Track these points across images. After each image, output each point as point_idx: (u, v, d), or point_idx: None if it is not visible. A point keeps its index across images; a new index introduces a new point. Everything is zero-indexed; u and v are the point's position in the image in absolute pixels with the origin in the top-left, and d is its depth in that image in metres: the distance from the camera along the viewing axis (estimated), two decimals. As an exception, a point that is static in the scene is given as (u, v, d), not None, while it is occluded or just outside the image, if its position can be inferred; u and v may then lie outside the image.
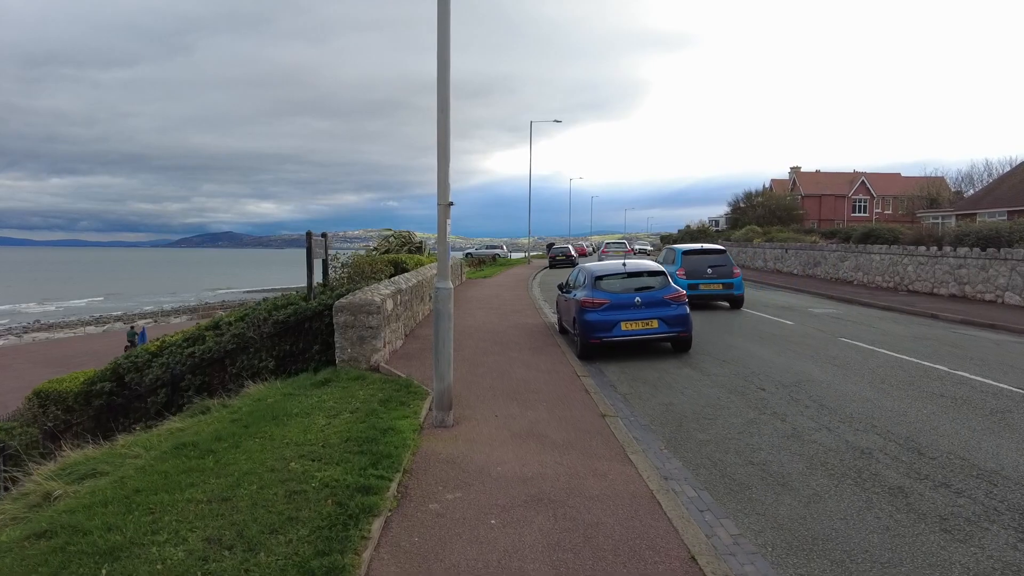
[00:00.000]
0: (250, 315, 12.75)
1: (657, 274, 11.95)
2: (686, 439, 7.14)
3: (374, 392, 8.27)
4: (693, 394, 9.05)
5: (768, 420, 7.71)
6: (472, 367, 10.51)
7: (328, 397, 8.07)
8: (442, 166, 6.62)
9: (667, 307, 11.41)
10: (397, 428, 6.57)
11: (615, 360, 11.49)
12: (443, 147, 6.61)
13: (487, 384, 9.27)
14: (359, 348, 10.22)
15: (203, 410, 8.40)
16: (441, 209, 6.70)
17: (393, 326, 11.67)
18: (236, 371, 12.10)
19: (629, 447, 6.63)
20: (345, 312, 10.20)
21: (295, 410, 7.47)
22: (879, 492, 5.48)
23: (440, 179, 6.66)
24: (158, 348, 13.01)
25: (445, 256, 6.85)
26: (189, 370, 12.21)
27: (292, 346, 11.95)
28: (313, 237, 12.38)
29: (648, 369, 10.73)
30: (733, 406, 8.38)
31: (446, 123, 6.59)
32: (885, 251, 25.42)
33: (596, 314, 11.34)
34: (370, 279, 13.58)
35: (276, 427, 6.76)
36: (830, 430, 7.21)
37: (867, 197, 74.26)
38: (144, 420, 12.16)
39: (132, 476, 5.39)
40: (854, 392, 8.81)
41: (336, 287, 13.05)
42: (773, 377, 9.86)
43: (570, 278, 13.88)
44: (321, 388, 8.71)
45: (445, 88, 6.57)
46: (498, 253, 60.95)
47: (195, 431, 6.92)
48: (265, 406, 7.77)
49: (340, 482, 5.11)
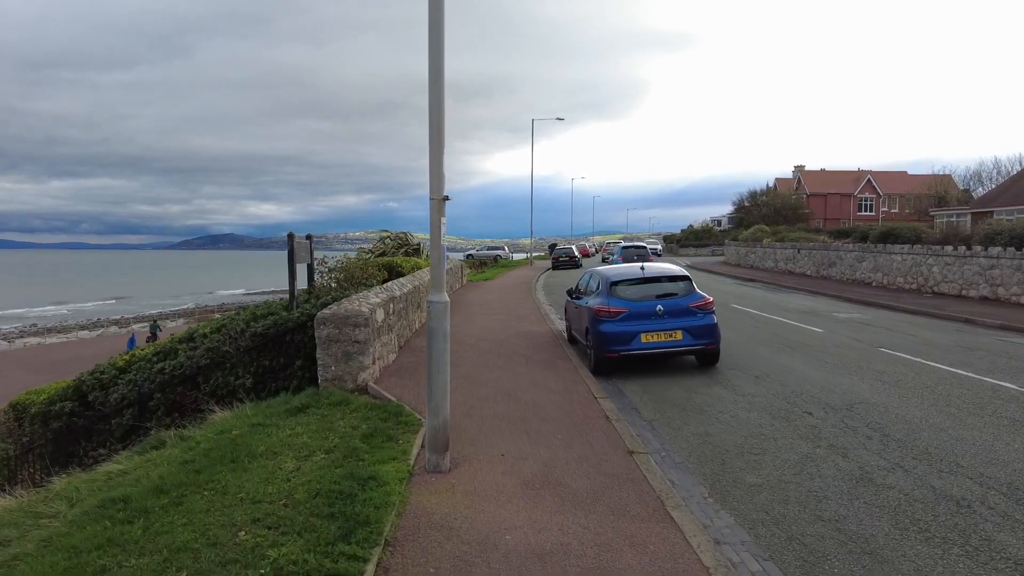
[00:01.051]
0: (227, 326, 11.49)
1: (680, 279, 10.68)
2: (733, 483, 5.88)
3: (357, 422, 7.00)
4: (730, 420, 7.79)
5: (826, 456, 6.44)
6: (473, 387, 9.25)
7: (303, 429, 6.81)
8: (435, 152, 5.37)
9: (692, 316, 10.14)
10: (380, 476, 5.30)
11: (634, 376, 10.23)
12: (436, 128, 5.35)
13: (491, 410, 8.00)
14: (344, 366, 8.97)
15: (157, 443, 7.15)
16: (434, 205, 5.44)
17: (385, 339, 10.42)
18: (210, 389, 10.83)
19: (668, 498, 5.37)
20: (328, 325, 8.95)
21: (260, 448, 6.22)
22: (1004, 570, 4.22)
23: (433, 168, 5.41)
24: (126, 363, 11.75)
25: (440, 261, 5.59)
26: (158, 388, 10.95)
27: (272, 361, 10.68)
28: (296, 239, 11.12)
29: (673, 387, 9.47)
30: (780, 436, 7.11)
31: (440, 99, 5.34)
32: (908, 251, 24.13)
33: (613, 324, 10.07)
34: (360, 285, 12.32)
35: (233, 474, 5.50)
36: (906, 471, 5.94)
37: (873, 196, 73.00)
38: (108, 444, 10.93)
39: (30, 555, 4.13)
40: (919, 418, 7.54)
41: (322, 294, 11.79)
42: (818, 397, 8.59)
43: (580, 283, 12.61)
44: (296, 416, 7.45)
45: (438, 55, 5.32)
46: (499, 254, 59.65)
47: (137, 477, 5.67)
48: (227, 441, 6.52)
49: (299, 566, 3.85)
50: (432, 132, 5.38)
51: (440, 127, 5.37)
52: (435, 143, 5.36)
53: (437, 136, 5.37)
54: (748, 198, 79.44)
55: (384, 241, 21.82)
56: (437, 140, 5.35)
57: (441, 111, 5.36)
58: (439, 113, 5.34)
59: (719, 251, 61.78)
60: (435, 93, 5.32)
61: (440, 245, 5.51)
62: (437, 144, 5.35)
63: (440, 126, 5.37)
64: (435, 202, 5.43)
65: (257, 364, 10.77)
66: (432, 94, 5.37)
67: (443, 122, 5.37)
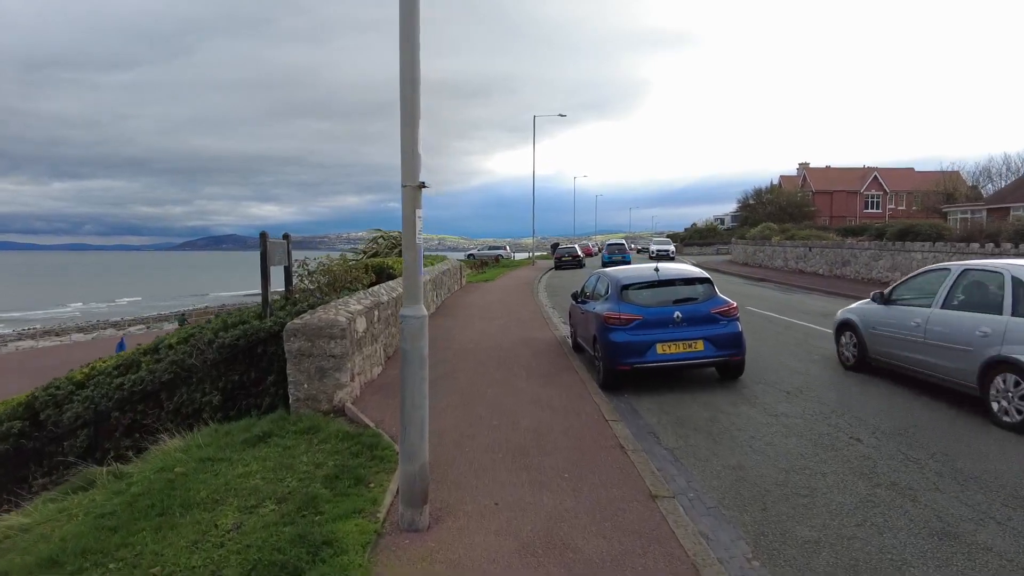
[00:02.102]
0: (195, 336, 10.36)
1: (700, 281, 9.51)
2: (782, 537, 4.72)
3: (324, 457, 5.86)
4: (765, 448, 6.63)
5: (891, 499, 5.28)
6: (466, 406, 8.09)
7: (258, 467, 5.67)
8: (408, 126, 4.21)
9: (714, 324, 8.97)
10: (339, 540, 4.15)
11: (647, 390, 9.07)
12: (409, 95, 4.18)
13: (485, 438, 6.84)
14: (318, 384, 7.83)
15: (86, 483, 6.01)
16: (408, 193, 4.28)
17: (367, 351, 9.27)
18: (174, 407, 9.71)
19: (704, 562, 4.21)
20: (299, 337, 7.81)
21: (202, 493, 5.08)
22: None
23: (405, 147, 4.25)
24: (85, 377, 10.62)
25: (415, 264, 4.43)
26: (116, 406, 9.81)
27: (243, 376, 9.55)
28: (270, 240, 9.99)
29: (693, 405, 8.31)
30: (829, 471, 5.95)
31: (413, 57, 4.17)
32: (929, 249, 22.93)
33: (624, 333, 8.90)
34: (344, 289, 11.16)
35: (156, 534, 4.36)
36: (1002, 525, 4.78)
37: (880, 193, 71.79)
38: (60, 470, 9.82)
39: None
40: (993, 449, 6.36)
41: (301, 300, 10.65)
42: (864, 419, 7.42)
43: (586, 286, 11.44)
44: (255, 448, 6.31)
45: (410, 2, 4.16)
46: (501, 254, 58.47)
47: (35, 538, 4.54)
48: (164, 483, 5.38)
49: None
50: (404, 100, 4.22)
51: (413, 93, 4.21)
52: (407, 114, 4.20)
53: (410, 105, 4.21)
54: (753, 196, 78.23)
55: (377, 241, 20.63)
56: (410, 110, 4.19)
57: (414, 71, 4.20)
58: (412, 73, 4.17)
59: (724, 250, 60.50)
60: (407, 50, 4.16)
61: (416, 245, 4.35)
62: (410, 115, 4.19)
63: (413, 92, 4.21)
64: (409, 190, 4.28)
65: (226, 379, 9.64)
66: (403, 51, 4.21)
67: (418, 85, 4.21)
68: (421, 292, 4.45)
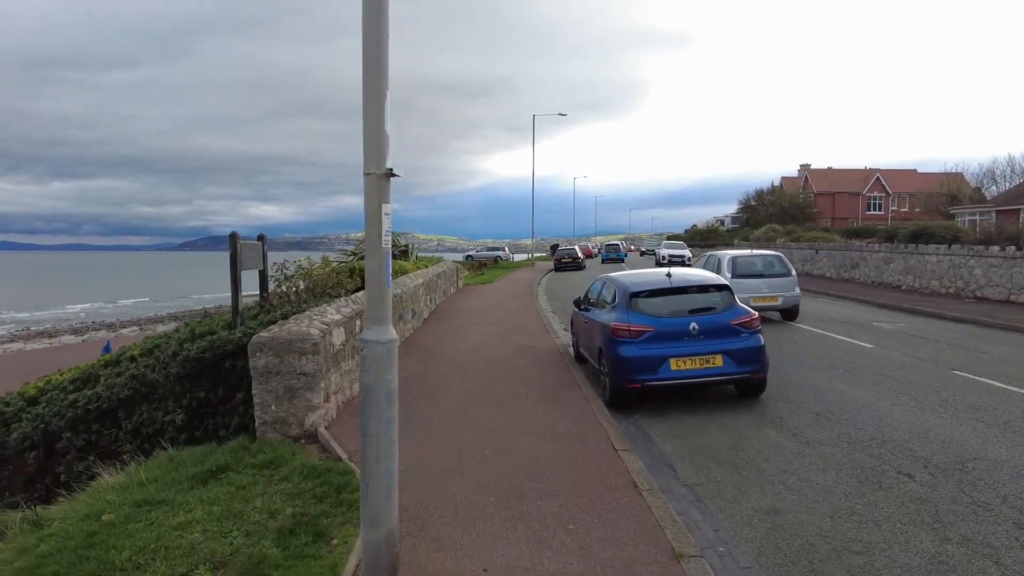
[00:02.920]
0: (160, 347, 9.41)
1: (717, 288, 8.56)
2: (842, 616, 3.78)
3: (282, 502, 4.90)
4: (801, 486, 5.68)
5: (967, 559, 4.34)
6: (455, 432, 7.14)
7: (201, 514, 4.72)
8: (372, 92, 3.26)
9: (735, 337, 8.03)
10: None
11: (658, 409, 8.13)
12: (373, 56, 3.24)
13: (475, 474, 5.87)
14: (287, 405, 6.88)
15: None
16: (372, 182, 3.33)
17: (346, 366, 8.31)
18: (133, 427, 8.75)
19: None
20: (266, 352, 6.86)
21: (125, 553, 4.14)
22: None
23: (369, 121, 3.30)
24: (38, 392, 9.66)
25: (380, 274, 3.46)
26: (69, 425, 8.85)
27: (209, 393, 8.58)
28: (241, 241, 9.03)
29: (711, 428, 7.37)
30: (882, 517, 5.00)
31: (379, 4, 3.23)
32: (945, 252, 21.98)
33: (634, 347, 7.95)
34: (325, 295, 10.20)
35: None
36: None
37: (882, 194, 71.02)
38: (5, 497, 8.86)
39: None
40: (1071, 487, 5.43)
41: (277, 307, 9.69)
42: (911, 448, 6.48)
43: (590, 292, 10.48)
44: (206, 485, 5.37)
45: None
46: (499, 255, 57.47)
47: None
48: (83, 538, 4.43)
49: None
50: (367, 52, 3.26)
51: (379, 43, 3.25)
52: (371, 74, 3.24)
53: (374, 61, 3.25)
54: (754, 197, 77.35)
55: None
56: (374, 68, 3.23)
57: (381, 27, 3.25)
58: (377, 18, 3.21)
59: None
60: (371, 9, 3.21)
61: (381, 249, 3.39)
62: (374, 76, 3.23)
63: (379, 41, 3.25)
64: (373, 179, 3.33)
65: (191, 396, 8.67)
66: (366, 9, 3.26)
67: (385, 46, 3.26)
68: (389, 309, 3.50)
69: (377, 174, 3.32)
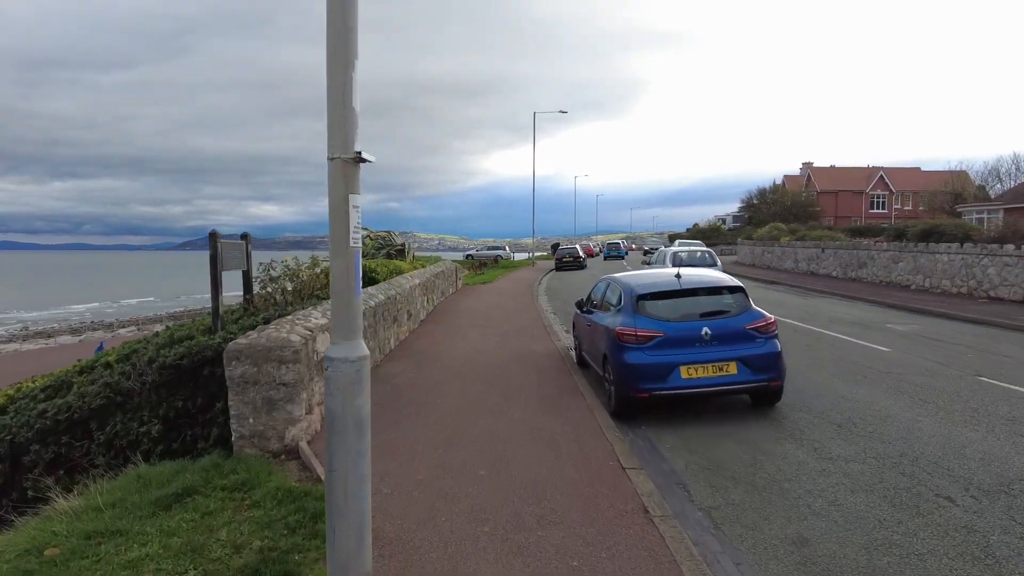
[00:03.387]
0: (137, 353, 8.86)
1: (731, 291, 8.00)
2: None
3: (250, 532, 4.35)
4: (829, 510, 5.11)
5: (1029, 602, 3.78)
6: (447, 447, 6.58)
7: (158, 547, 4.17)
8: (338, 58, 2.71)
9: (750, 342, 7.46)
10: None
11: (667, 418, 7.58)
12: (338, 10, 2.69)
13: (468, 498, 5.31)
14: (266, 418, 6.33)
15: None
16: (338, 168, 2.78)
17: (333, 373, 7.75)
18: (106, 439, 8.20)
19: None
20: (243, 361, 6.31)
21: (61, 600, 3.58)
22: None
23: (334, 95, 2.74)
24: (7, 400, 9.11)
25: (347, 279, 2.89)
26: (38, 437, 8.30)
27: (187, 402, 8.04)
28: (222, 240, 8.48)
29: (726, 442, 6.80)
30: (926, 549, 4.44)
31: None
32: (956, 251, 21.40)
33: (642, 353, 7.39)
34: (312, 297, 9.64)
35: None
36: None
37: (886, 193, 70.46)
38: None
39: None
40: None
41: (261, 309, 9.14)
42: (947, 466, 5.91)
43: (594, 293, 9.91)
44: (169, 511, 4.82)
45: None
46: (500, 255, 56.90)
47: None
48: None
49: None
50: (331, 25, 2.71)
51: (346, 17, 2.70)
52: (337, 35, 2.68)
53: (341, 32, 2.70)
54: (757, 196, 76.75)
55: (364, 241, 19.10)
56: (341, 28, 2.68)
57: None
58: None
59: (727, 251, 58.97)
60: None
61: (348, 250, 2.83)
62: (341, 37, 2.68)
63: (346, 15, 2.70)
64: (339, 164, 2.77)
65: (168, 405, 8.12)
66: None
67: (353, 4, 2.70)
68: (359, 321, 2.92)
69: (343, 158, 2.77)
